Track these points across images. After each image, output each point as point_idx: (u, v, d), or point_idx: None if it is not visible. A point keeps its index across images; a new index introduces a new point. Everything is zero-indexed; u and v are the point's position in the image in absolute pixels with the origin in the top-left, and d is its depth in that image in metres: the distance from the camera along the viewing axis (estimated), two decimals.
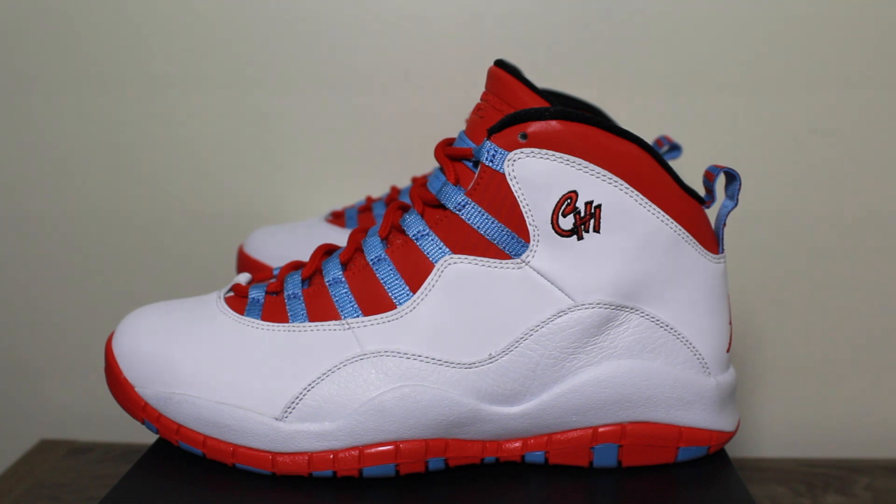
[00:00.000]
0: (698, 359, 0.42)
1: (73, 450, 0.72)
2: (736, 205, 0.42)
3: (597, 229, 0.40)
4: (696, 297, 0.42)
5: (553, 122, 0.39)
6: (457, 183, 0.41)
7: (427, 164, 0.71)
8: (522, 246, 0.40)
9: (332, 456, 0.40)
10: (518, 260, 0.40)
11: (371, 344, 0.40)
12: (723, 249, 0.43)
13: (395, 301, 0.41)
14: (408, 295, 0.41)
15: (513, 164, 0.39)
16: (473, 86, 0.70)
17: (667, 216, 0.40)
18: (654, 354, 0.41)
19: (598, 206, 0.40)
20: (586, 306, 0.40)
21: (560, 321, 0.40)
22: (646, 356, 0.41)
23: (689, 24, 0.68)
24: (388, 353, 0.40)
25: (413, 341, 0.40)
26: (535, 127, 0.39)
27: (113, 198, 0.74)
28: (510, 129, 0.39)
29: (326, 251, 0.45)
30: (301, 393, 0.40)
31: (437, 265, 0.41)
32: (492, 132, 0.40)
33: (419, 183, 0.45)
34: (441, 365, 0.40)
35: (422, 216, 0.42)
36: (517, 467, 0.43)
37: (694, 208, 0.41)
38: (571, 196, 0.39)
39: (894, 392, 0.74)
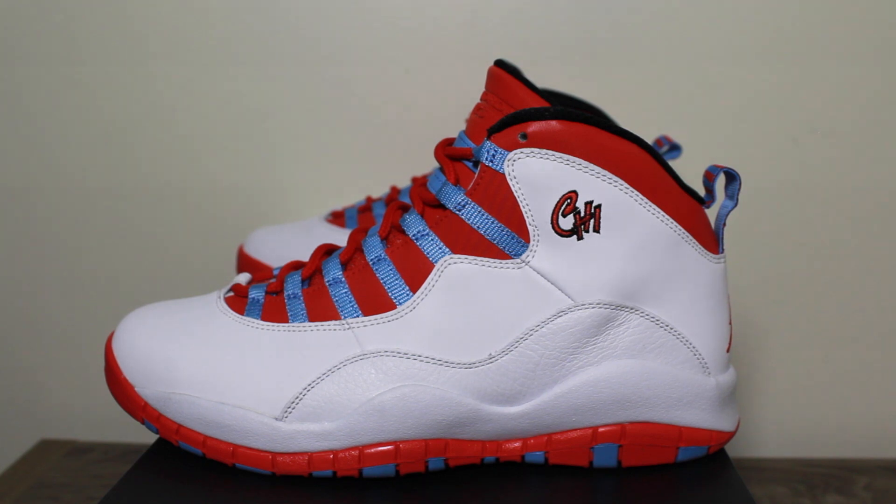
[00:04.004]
0: (698, 359, 0.42)
1: (73, 450, 0.72)
2: (736, 205, 0.42)
3: (597, 229, 0.40)
4: (696, 297, 0.42)
5: (553, 122, 0.39)
6: (457, 183, 0.41)
7: (427, 164, 0.71)
8: (522, 246, 0.40)
9: (331, 456, 0.40)
10: (518, 260, 0.40)
11: (371, 344, 0.40)
12: (723, 249, 0.43)
13: (395, 301, 0.41)
14: (408, 295, 0.41)
15: (513, 164, 0.39)
16: (473, 86, 0.69)
17: (667, 216, 0.40)
18: (654, 354, 0.41)
19: (598, 206, 0.40)
20: (586, 306, 0.40)
21: (560, 321, 0.40)
22: (646, 356, 0.41)
23: (689, 23, 0.68)
24: (388, 353, 0.40)
25: (413, 341, 0.40)
26: (535, 127, 0.39)
27: (113, 198, 0.74)
28: (510, 129, 0.39)
29: (326, 251, 0.45)
30: (301, 393, 0.40)
31: (437, 265, 0.41)
32: (492, 132, 0.40)
33: (419, 183, 0.45)
34: (441, 365, 0.40)
35: (422, 216, 0.42)
36: (517, 467, 0.43)
37: (694, 208, 0.41)
38: (571, 196, 0.39)
39: (894, 392, 0.74)
